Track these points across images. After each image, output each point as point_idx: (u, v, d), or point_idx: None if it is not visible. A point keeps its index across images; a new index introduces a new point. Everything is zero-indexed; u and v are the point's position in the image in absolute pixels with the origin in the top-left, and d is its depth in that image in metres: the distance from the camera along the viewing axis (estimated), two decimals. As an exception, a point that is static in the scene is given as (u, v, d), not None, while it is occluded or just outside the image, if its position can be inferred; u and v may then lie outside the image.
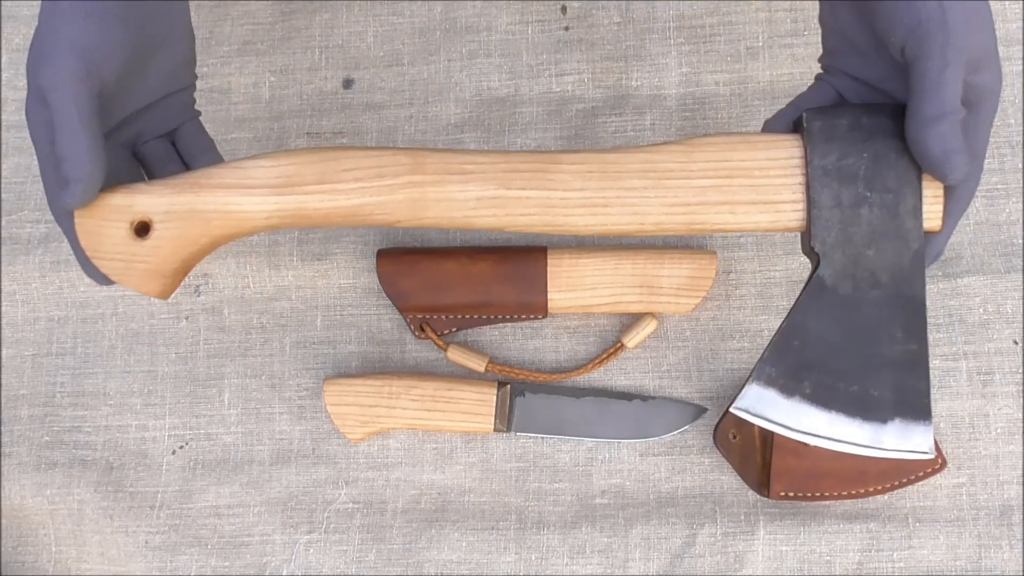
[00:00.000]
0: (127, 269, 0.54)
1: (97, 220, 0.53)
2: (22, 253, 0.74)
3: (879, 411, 0.50)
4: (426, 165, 0.53)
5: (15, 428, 0.72)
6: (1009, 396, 0.67)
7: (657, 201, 0.52)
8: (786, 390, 0.51)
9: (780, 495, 0.65)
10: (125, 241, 0.53)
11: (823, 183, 0.51)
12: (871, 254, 0.50)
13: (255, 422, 0.71)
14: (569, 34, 0.75)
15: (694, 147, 0.52)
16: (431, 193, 0.53)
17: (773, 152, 0.52)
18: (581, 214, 0.53)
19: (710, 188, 0.52)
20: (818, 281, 0.51)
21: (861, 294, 0.50)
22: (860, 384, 0.50)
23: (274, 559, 0.68)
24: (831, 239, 0.50)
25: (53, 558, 0.70)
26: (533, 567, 0.67)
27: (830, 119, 0.51)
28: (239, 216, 0.53)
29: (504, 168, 0.53)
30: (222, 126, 0.76)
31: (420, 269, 0.69)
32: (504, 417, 0.68)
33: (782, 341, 0.51)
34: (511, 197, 0.53)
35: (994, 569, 0.64)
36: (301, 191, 0.53)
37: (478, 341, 0.71)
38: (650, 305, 0.69)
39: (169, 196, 0.53)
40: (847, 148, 0.50)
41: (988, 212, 0.70)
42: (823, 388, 0.51)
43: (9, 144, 0.77)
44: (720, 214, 0.52)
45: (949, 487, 0.66)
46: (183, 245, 0.54)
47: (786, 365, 0.51)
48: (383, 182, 0.53)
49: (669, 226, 0.53)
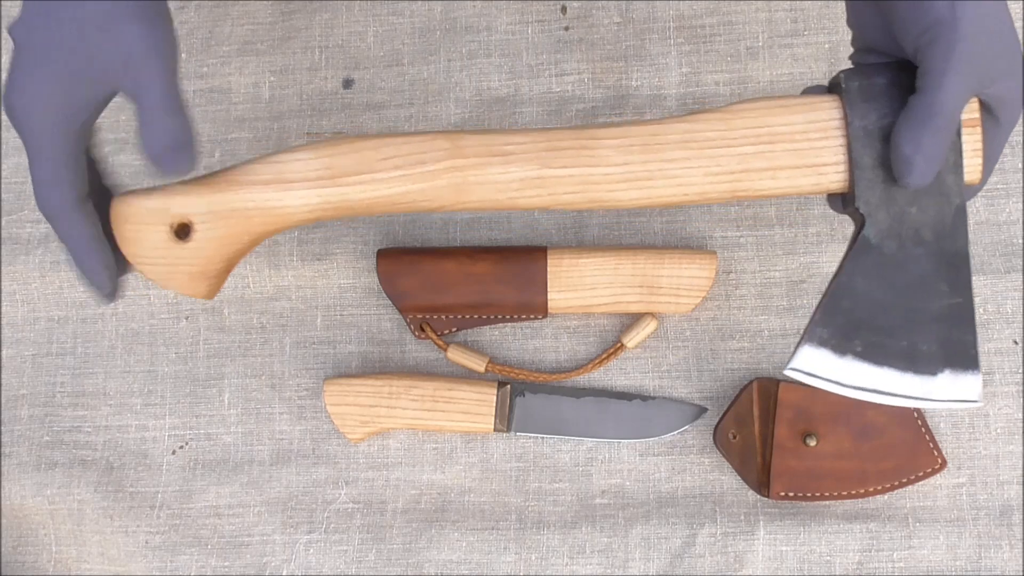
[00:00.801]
0: (172, 272, 0.53)
1: (135, 225, 0.52)
2: (22, 253, 0.74)
3: (929, 364, 0.51)
4: (466, 148, 0.52)
5: (15, 428, 0.72)
6: (1009, 396, 0.67)
7: (700, 171, 0.52)
8: (838, 349, 0.51)
9: (780, 495, 0.65)
10: (167, 244, 0.52)
11: (865, 143, 0.50)
12: (914, 212, 0.50)
13: (255, 422, 0.71)
14: (569, 34, 0.76)
15: (733, 114, 0.52)
16: (472, 176, 0.52)
17: (813, 115, 0.51)
18: (624, 188, 0.52)
19: (752, 155, 0.51)
20: (864, 241, 0.51)
21: (906, 252, 0.51)
22: (909, 339, 0.51)
23: (274, 559, 0.68)
24: (875, 199, 0.50)
25: (53, 558, 0.70)
26: (533, 567, 0.67)
27: (868, 78, 0.51)
28: (281, 211, 0.52)
29: (545, 147, 0.52)
30: (222, 126, 0.76)
31: (420, 269, 0.69)
32: (504, 417, 0.68)
33: (831, 302, 0.51)
34: (553, 176, 0.52)
35: (994, 569, 0.64)
36: (342, 182, 0.52)
37: (478, 341, 0.71)
38: (650, 305, 0.69)
39: (208, 196, 0.52)
40: (886, 107, 0.50)
41: (988, 212, 0.70)
42: (874, 345, 0.51)
43: (9, 144, 0.77)
44: (763, 180, 0.52)
45: (949, 487, 0.66)
46: (226, 244, 0.53)
47: (837, 325, 0.51)
48: (424, 168, 0.52)
49: (713, 195, 0.52)
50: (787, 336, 0.69)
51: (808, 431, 0.65)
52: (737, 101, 0.52)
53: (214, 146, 0.76)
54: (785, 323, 0.69)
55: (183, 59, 0.78)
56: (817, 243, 0.70)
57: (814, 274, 0.70)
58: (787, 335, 0.69)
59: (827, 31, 0.73)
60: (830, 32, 0.73)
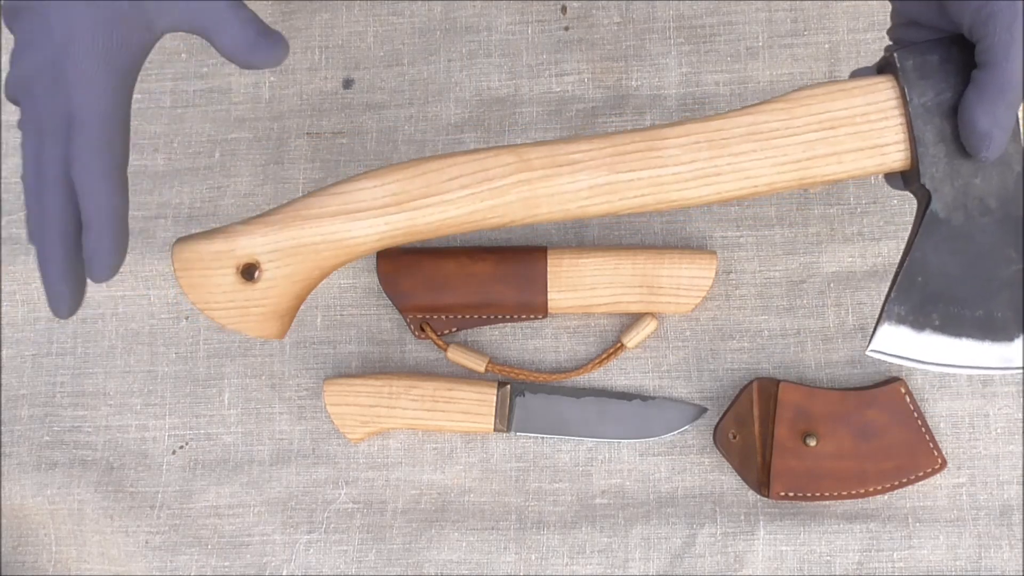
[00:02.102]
0: (243, 316, 0.52)
1: (200, 271, 0.51)
2: (22, 253, 0.74)
3: (1005, 330, 0.52)
4: (532, 161, 0.52)
5: (15, 428, 0.72)
6: (1009, 396, 0.67)
7: (768, 162, 0.52)
8: (916, 325, 0.52)
9: (780, 495, 0.65)
10: (235, 287, 0.51)
11: (925, 120, 0.51)
12: (978, 182, 0.51)
13: (255, 422, 0.71)
14: (569, 34, 0.76)
15: (794, 103, 0.52)
16: (541, 189, 0.52)
17: (871, 96, 0.52)
18: (695, 186, 0.52)
19: (817, 141, 0.52)
20: (932, 216, 0.51)
21: (973, 222, 0.51)
22: (984, 308, 0.52)
23: (274, 559, 0.68)
24: (940, 173, 0.51)
25: (53, 558, 0.70)
26: (533, 567, 0.67)
27: (921, 55, 0.51)
28: (350, 243, 0.52)
29: (611, 152, 0.52)
30: (222, 126, 0.76)
31: (420, 269, 0.69)
32: (504, 417, 0.68)
33: (906, 279, 0.52)
34: (623, 181, 0.52)
35: (994, 569, 0.64)
36: (409, 207, 0.51)
37: (478, 341, 0.71)
38: (650, 305, 0.69)
39: (273, 234, 0.51)
40: (942, 82, 0.51)
41: (988, 212, 0.70)
42: (951, 318, 0.52)
43: (9, 144, 0.77)
44: (829, 165, 0.52)
45: (949, 487, 0.66)
46: (296, 281, 0.52)
47: (913, 302, 0.52)
48: (492, 185, 0.52)
49: (781, 184, 0.53)
50: (787, 336, 0.69)
51: (808, 431, 0.65)
52: (796, 89, 0.53)
53: (214, 146, 0.76)
54: (785, 323, 0.69)
55: (183, 59, 0.78)
56: (817, 243, 0.70)
57: (814, 274, 0.70)
58: (787, 335, 0.69)
59: (827, 31, 0.73)
60: (830, 32, 0.73)
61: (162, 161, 0.76)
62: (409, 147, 0.74)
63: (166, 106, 0.77)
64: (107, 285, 0.73)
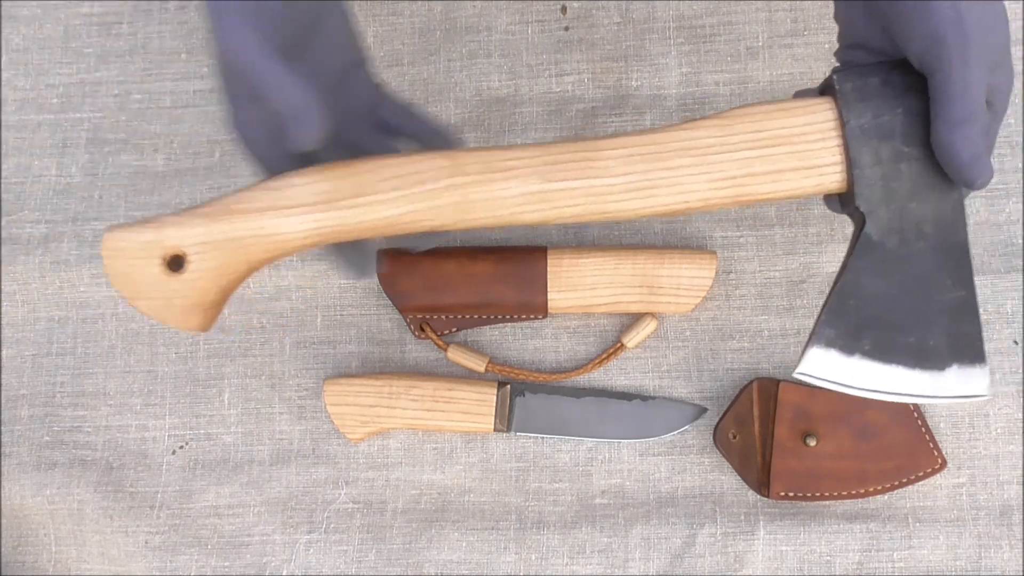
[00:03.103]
0: (166, 306, 0.52)
1: (127, 260, 0.51)
2: (22, 253, 0.74)
3: (937, 359, 0.51)
4: (466, 166, 0.52)
5: (15, 428, 0.72)
6: (1009, 396, 0.67)
7: (703, 178, 0.52)
8: (846, 349, 0.51)
9: (780, 495, 0.65)
10: (160, 278, 0.51)
11: (862, 142, 0.51)
12: (914, 207, 0.51)
13: (255, 422, 0.71)
14: (569, 34, 0.76)
15: (732, 119, 0.52)
16: (474, 194, 0.52)
17: (809, 117, 0.52)
18: (628, 199, 0.52)
19: (754, 159, 0.52)
20: (866, 239, 0.51)
21: (908, 247, 0.51)
22: (916, 335, 0.51)
23: (274, 559, 0.68)
24: (875, 196, 0.51)
25: (53, 558, 0.70)
26: (533, 567, 0.67)
27: (861, 78, 0.51)
28: (278, 239, 0.52)
29: (545, 161, 0.52)
30: (222, 126, 0.76)
31: (420, 269, 0.69)
32: (504, 417, 0.68)
33: (838, 302, 0.51)
34: (556, 190, 0.52)
35: (994, 569, 0.64)
36: (341, 206, 0.51)
37: (478, 341, 0.71)
38: (650, 305, 0.69)
39: (202, 226, 0.51)
40: (881, 105, 0.51)
41: (988, 212, 0.70)
42: (882, 343, 0.51)
43: (9, 144, 0.77)
44: (765, 184, 0.52)
45: (949, 487, 0.66)
46: (221, 275, 0.52)
47: (844, 325, 0.51)
48: (424, 188, 0.52)
49: (716, 201, 0.53)
50: (787, 336, 0.69)
51: (808, 431, 0.65)
52: (734, 107, 0.53)
53: (214, 146, 0.76)
54: (785, 323, 0.69)
55: (183, 59, 0.78)
56: (817, 243, 0.70)
57: (814, 274, 0.70)
58: (787, 335, 0.69)
59: (827, 31, 0.73)
60: (830, 32, 0.73)
61: (162, 161, 0.76)
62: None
63: (166, 106, 0.77)
64: (107, 285, 0.73)
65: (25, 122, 0.77)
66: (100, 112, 0.77)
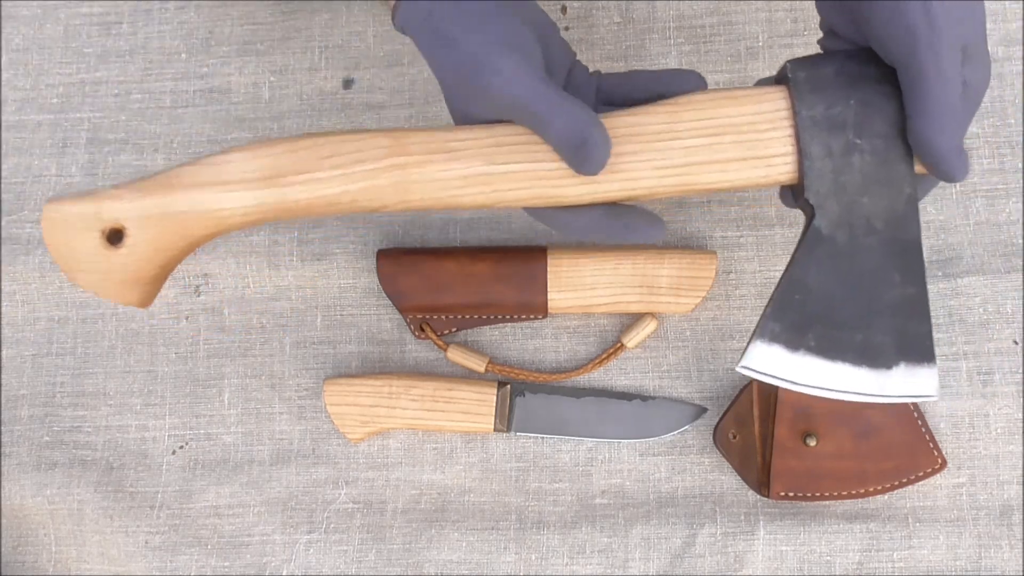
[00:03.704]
0: (103, 280, 0.52)
1: (65, 232, 0.51)
2: (22, 253, 0.74)
3: (883, 357, 0.50)
4: (408, 146, 0.51)
5: (15, 428, 0.72)
6: (1009, 396, 0.67)
7: (648, 164, 0.51)
8: (791, 344, 0.50)
9: (780, 495, 0.65)
10: (98, 251, 0.51)
11: (812, 133, 0.50)
12: (865, 201, 0.50)
13: (255, 422, 0.71)
14: (569, 34, 0.75)
15: (680, 106, 0.51)
16: (415, 174, 0.51)
17: (760, 106, 0.51)
18: (571, 184, 0.51)
19: (700, 147, 0.51)
20: (815, 232, 0.50)
21: (858, 242, 0.50)
22: (863, 332, 0.50)
23: (274, 559, 0.68)
24: (824, 189, 0.50)
25: (53, 558, 0.70)
26: (533, 567, 0.67)
27: (814, 68, 0.50)
28: (217, 215, 0.51)
29: (489, 143, 0.51)
30: (222, 126, 0.76)
31: (420, 269, 0.69)
32: (504, 417, 0.68)
33: (783, 296, 0.50)
34: (498, 172, 0.51)
35: (994, 569, 0.64)
36: (280, 183, 0.51)
37: (478, 341, 0.71)
38: (650, 305, 0.69)
39: (140, 200, 0.51)
40: (834, 96, 0.50)
41: (988, 212, 0.70)
42: (827, 339, 0.50)
43: (9, 144, 0.77)
44: (711, 173, 0.51)
45: (949, 487, 0.66)
46: (160, 250, 0.52)
47: (789, 320, 0.50)
48: (364, 167, 0.51)
49: (661, 189, 0.52)
50: (787, 336, 0.69)
51: (808, 431, 0.65)
52: (687, 94, 0.52)
53: (214, 146, 0.76)
54: (785, 323, 0.69)
55: (183, 59, 0.78)
56: (817, 243, 0.70)
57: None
58: (787, 335, 0.69)
59: (827, 31, 0.73)
60: (830, 32, 0.73)
61: (162, 161, 0.76)
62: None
63: (166, 106, 0.77)
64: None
65: (25, 122, 0.77)
66: (100, 112, 0.77)
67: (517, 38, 0.51)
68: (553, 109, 0.49)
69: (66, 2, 0.80)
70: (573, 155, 0.49)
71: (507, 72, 0.49)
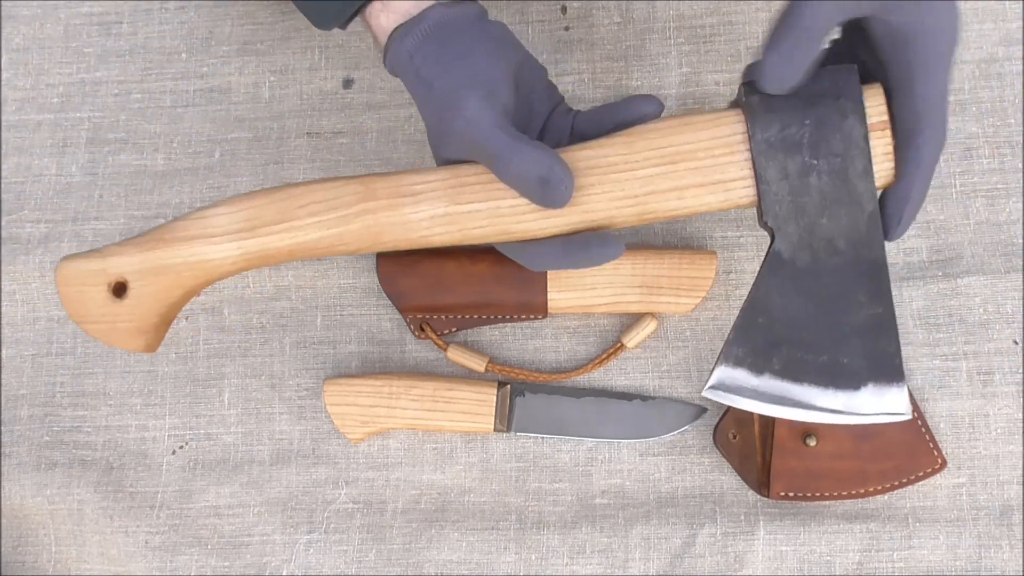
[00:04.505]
0: (111, 330, 0.56)
1: (77, 287, 0.54)
2: (22, 253, 0.74)
3: (851, 378, 0.50)
4: (377, 190, 0.53)
5: (15, 428, 0.72)
6: (1009, 396, 0.67)
7: (605, 196, 0.52)
8: (755, 368, 0.50)
9: (780, 495, 0.65)
10: (105, 303, 0.55)
11: (768, 156, 0.49)
12: (825, 222, 0.49)
13: (255, 422, 0.71)
14: (569, 34, 0.75)
15: (636, 137, 0.52)
16: (384, 218, 0.53)
17: (715, 131, 0.51)
18: (532, 219, 0.53)
19: (656, 176, 0.51)
20: (775, 255, 0.50)
21: (820, 263, 0.50)
22: (829, 354, 0.50)
23: (274, 559, 0.68)
24: (783, 212, 0.50)
25: (53, 558, 0.70)
26: (533, 567, 0.67)
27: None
28: (206, 265, 0.54)
29: (452, 184, 0.53)
30: (222, 126, 0.76)
31: (420, 269, 0.69)
32: (504, 417, 0.68)
33: (746, 320, 0.50)
34: (462, 212, 0.53)
35: (994, 569, 0.64)
36: (263, 233, 0.54)
37: (478, 341, 0.71)
38: (650, 305, 0.69)
39: (139, 254, 0.54)
40: (788, 117, 0.49)
41: (988, 212, 0.70)
42: (793, 362, 0.50)
43: (9, 144, 0.77)
44: (669, 201, 0.51)
45: (949, 487, 0.66)
46: (159, 300, 0.55)
47: (753, 344, 0.50)
48: (338, 213, 0.53)
49: (620, 219, 0.52)
50: (787, 336, 0.69)
51: (808, 431, 0.65)
52: (644, 124, 0.52)
53: (214, 146, 0.76)
54: (785, 323, 0.69)
55: (183, 59, 0.78)
56: (817, 243, 0.70)
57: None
58: (787, 335, 0.69)
59: (827, 31, 0.73)
60: (830, 32, 0.73)
61: (162, 161, 0.76)
62: (409, 147, 0.74)
63: (166, 106, 0.77)
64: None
65: (25, 122, 0.77)
66: (100, 112, 0.77)
67: (487, 80, 0.52)
68: (510, 151, 0.50)
69: (66, 2, 0.80)
70: (536, 193, 0.50)
71: (469, 113, 0.51)
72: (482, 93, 0.51)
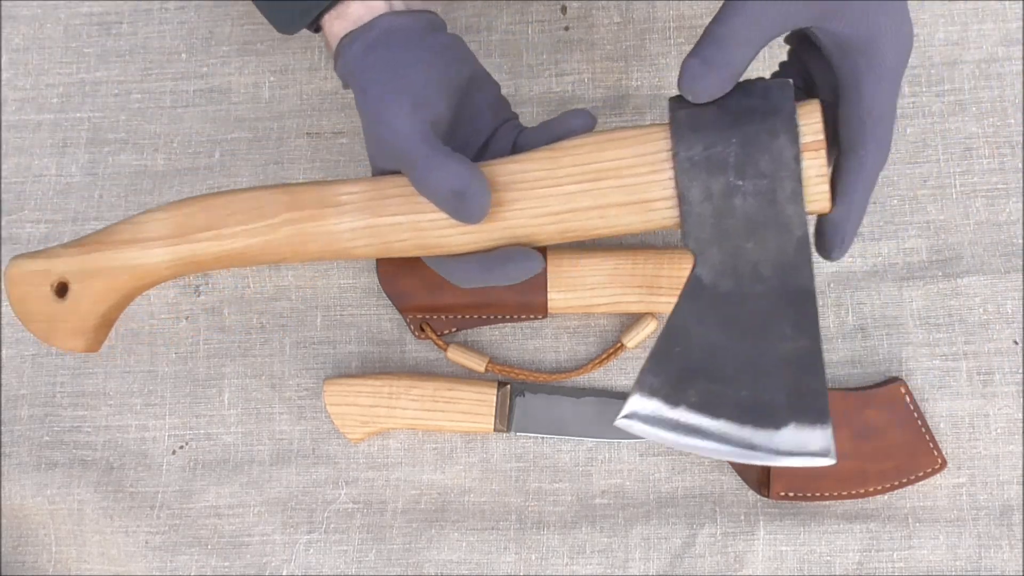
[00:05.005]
0: (51, 329, 0.57)
1: (24, 287, 0.55)
2: (22, 253, 0.74)
3: (772, 416, 0.47)
4: (303, 200, 0.53)
5: (15, 428, 0.72)
6: (1009, 396, 0.67)
7: (527, 212, 0.50)
8: (670, 400, 0.47)
9: (780, 495, 0.65)
10: (48, 303, 0.56)
11: (691, 176, 0.47)
12: (751, 247, 0.46)
13: (255, 422, 0.71)
14: (569, 34, 0.76)
15: (561, 152, 0.50)
16: (309, 228, 0.53)
17: (640, 148, 0.49)
18: (452, 234, 0.52)
19: (579, 193, 0.49)
20: (695, 280, 0.47)
21: (744, 290, 0.46)
22: (750, 389, 0.47)
23: (274, 559, 0.68)
24: (705, 235, 0.47)
25: (53, 558, 0.70)
26: (533, 567, 0.67)
27: (696, 105, 0.47)
28: (140, 269, 0.55)
29: (375, 195, 0.52)
30: (222, 126, 0.76)
31: (420, 269, 0.69)
32: (504, 417, 0.68)
33: (662, 348, 0.47)
34: (384, 224, 0.52)
35: (994, 569, 0.64)
36: (192, 239, 0.54)
37: (478, 341, 0.71)
38: (650, 305, 0.69)
39: (79, 256, 0.55)
40: (713, 135, 0.47)
41: (988, 212, 0.70)
42: (710, 396, 0.47)
43: (9, 144, 0.77)
44: (591, 219, 0.50)
45: (949, 487, 0.66)
46: (97, 301, 0.56)
47: (668, 374, 0.47)
48: (263, 222, 0.53)
49: (543, 236, 0.51)
50: (787, 336, 0.69)
51: (808, 431, 0.65)
52: (570, 139, 0.51)
53: (214, 146, 0.76)
54: (785, 323, 0.69)
55: (183, 59, 0.78)
56: (817, 243, 0.70)
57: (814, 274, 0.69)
58: (787, 335, 0.69)
59: (827, 31, 0.73)
60: (830, 32, 0.73)
61: (162, 161, 0.76)
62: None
63: (166, 106, 0.77)
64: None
65: (25, 122, 0.77)
66: (100, 112, 0.77)
67: (418, 91, 0.50)
68: (426, 162, 0.49)
69: (66, 2, 0.80)
70: (451, 206, 0.49)
71: (393, 122, 0.50)
72: (409, 102, 0.50)
